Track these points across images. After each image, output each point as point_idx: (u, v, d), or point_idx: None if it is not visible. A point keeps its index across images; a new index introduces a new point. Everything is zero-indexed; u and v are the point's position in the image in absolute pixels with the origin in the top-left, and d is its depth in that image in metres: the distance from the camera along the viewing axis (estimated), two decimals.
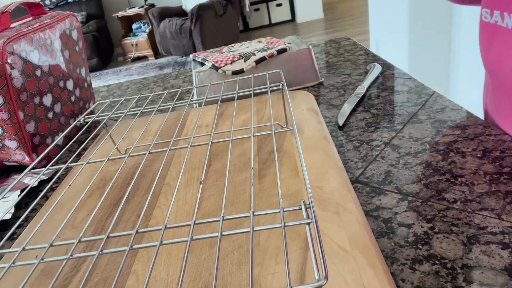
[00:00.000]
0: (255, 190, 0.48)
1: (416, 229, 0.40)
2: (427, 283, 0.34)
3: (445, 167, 0.49)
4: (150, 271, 0.28)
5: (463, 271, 0.35)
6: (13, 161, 0.68)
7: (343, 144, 0.58)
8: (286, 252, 0.28)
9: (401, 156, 0.53)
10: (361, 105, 0.69)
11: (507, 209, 0.40)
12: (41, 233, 0.47)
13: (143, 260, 0.40)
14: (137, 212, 0.48)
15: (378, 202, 0.45)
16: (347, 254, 0.36)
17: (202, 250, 0.40)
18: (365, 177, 0.50)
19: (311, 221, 0.29)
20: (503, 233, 0.38)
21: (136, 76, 4.30)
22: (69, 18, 0.82)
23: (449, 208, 0.42)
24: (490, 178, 0.45)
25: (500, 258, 0.35)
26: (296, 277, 0.35)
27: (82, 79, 0.85)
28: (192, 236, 0.31)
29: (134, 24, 5.28)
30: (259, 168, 0.52)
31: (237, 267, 0.37)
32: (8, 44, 0.63)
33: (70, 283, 0.39)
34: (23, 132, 0.66)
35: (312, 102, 0.69)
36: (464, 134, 0.54)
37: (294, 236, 0.39)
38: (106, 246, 0.42)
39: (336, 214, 0.41)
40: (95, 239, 0.34)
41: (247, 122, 0.66)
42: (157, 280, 0.38)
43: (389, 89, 0.73)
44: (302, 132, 0.59)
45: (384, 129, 0.60)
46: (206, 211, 0.46)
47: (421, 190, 0.45)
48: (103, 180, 0.57)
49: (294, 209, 0.31)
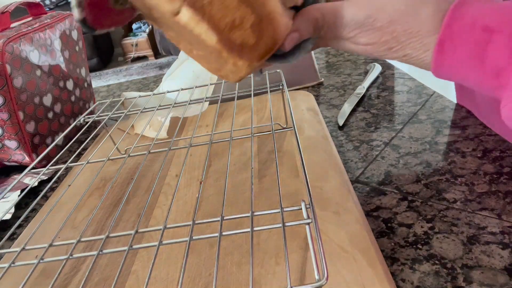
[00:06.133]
0: (255, 190, 0.48)
1: (416, 229, 0.40)
2: (427, 283, 0.34)
3: (445, 167, 0.49)
4: (150, 271, 0.28)
5: (463, 271, 0.35)
6: (13, 161, 0.68)
7: (343, 144, 0.58)
8: (286, 251, 0.28)
9: (401, 156, 0.53)
10: (361, 105, 0.69)
11: (507, 209, 0.40)
12: (41, 233, 0.47)
13: (143, 260, 0.40)
14: (137, 212, 0.48)
15: (378, 202, 0.45)
16: (347, 254, 0.36)
17: (202, 250, 0.40)
18: (365, 177, 0.50)
19: (311, 221, 0.29)
20: (503, 233, 0.38)
21: (136, 76, 4.30)
22: (69, 18, 0.82)
23: (449, 208, 0.42)
24: (490, 178, 0.45)
25: (500, 258, 0.35)
26: (296, 277, 0.35)
27: (82, 79, 0.85)
28: (192, 236, 0.31)
29: (134, 24, 5.27)
30: (259, 168, 0.52)
31: (237, 267, 0.37)
32: (8, 44, 0.63)
33: (70, 283, 0.39)
34: (23, 132, 0.66)
35: (312, 102, 0.69)
36: (464, 134, 0.54)
37: (294, 236, 0.39)
38: (106, 246, 0.42)
39: (336, 214, 0.41)
40: (95, 239, 0.34)
41: (247, 122, 0.66)
42: (157, 280, 0.38)
43: (389, 89, 0.73)
44: (302, 132, 0.59)
45: (384, 129, 0.60)
46: (206, 211, 0.46)
47: (421, 190, 0.45)
48: (103, 180, 0.57)
49: (294, 209, 0.31)
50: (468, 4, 0.28)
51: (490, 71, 0.27)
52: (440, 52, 0.28)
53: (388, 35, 0.30)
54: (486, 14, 0.27)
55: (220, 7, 0.26)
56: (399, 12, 0.30)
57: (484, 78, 0.27)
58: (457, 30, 0.27)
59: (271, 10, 0.28)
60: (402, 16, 0.29)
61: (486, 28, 0.26)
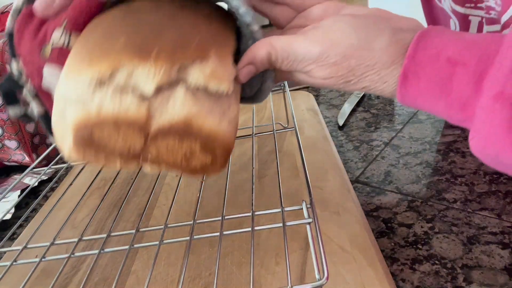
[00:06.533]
0: (255, 190, 0.48)
1: (416, 229, 0.40)
2: (427, 283, 0.34)
3: (445, 167, 0.49)
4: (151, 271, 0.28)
5: (463, 271, 0.35)
6: (13, 161, 0.68)
7: (343, 144, 0.58)
8: (286, 251, 0.28)
9: (401, 156, 0.53)
10: (361, 105, 0.69)
11: (507, 209, 0.40)
12: (41, 232, 0.47)
13: (143, 260, 0.40)
14: (138, 212, 0.48)
15: (378, 202, 0.45)
16: (347, 254, 0.36)
17: (202, 250, 0.40)
18: (365, 177, 0.50)
19: (312, 220, 0.29)
20: (503, 233, 0.38)
21: None
22: None
23: (449, 208, 0.42)
24: (490, 178, 0.45)
25: (500, 258, 0.35)
26: (296, 277, 0.35)
27: None
28: (193, 235, 0.31)
29: None
30: (259, 168, 0.52)
31: (237, 267, 0.37)
32: None
33: (70, 283, 0.39)
34: (23, 132, 0.66)
35: (312, 102, 0.69)
36: (464, 134, 0.54)
37: (294, 236, 0.39)
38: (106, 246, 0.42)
39: (336, 214, 0.41)
40: (96, 238, 0.34)
41: (248, 121, 0.66)
42: (157, 280, 0.38)
43: None
44: (302, 132, 0.59)
45: (384, 129, 0.60)
46: (206, 211, 0.46)
47: (421, 190, 0.46)
48: (103, 180, 0.57)
49: (295, 209, 0.31)
50: (431, 35, 0.27)
51: (456, 103, 0.26)
52: (404, 83, 0.28)
53: (344, 69, 0.29)
54: (449, 46, 0.26)
55: (168, 152, 0.29)
56: (352, 47, 0.29)
57: (451, 110, 0.27)
58: (421, 61, 0.27)
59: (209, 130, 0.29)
60: (356, 51, 0.29)
61: (449, 60, 0.26)
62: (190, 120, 0.28)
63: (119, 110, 0.27)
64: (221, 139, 0.30)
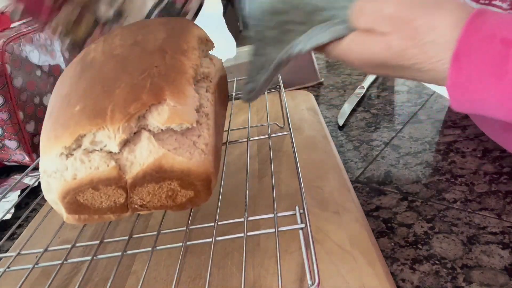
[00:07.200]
0: (255, 190, 0.48)
1: (416, 229, 0.40)
2: (427, 283, 0.34)
3: (445, 167, 0.49)
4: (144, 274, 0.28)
5: (463, 271, 0.35)
6: (13, 161, 0.68)
7: (343, 144, 0.58)
8: (278, 256, 0.28)
9: (401, 156, 0.53)
10: (361, 105, 0.69)
11: (507, 209, 0.40)
12: (41, 233, 0.47)
13: (143, 260, 0.40)
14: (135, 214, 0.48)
15: (378, 202, 0.45)
16: (347, 254, 0.36)
17: (202, 250, 0.40)
18: (365, 177, 0.50)
19: (304, 226, 0.29)
20: (503, 233, 0.38)
21: None
22: None
23: (449, 208, 0.42)
24: (490, 178, 0.45)
25: (500, 258, 0.35)
26: (296, 277, 0.35)
27: None
28: (186, 241, 0.31)
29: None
30: (259, 167, 0.52)
31: (237, 267, 0.37)
32: (8, 44, 0.63)
33: (70, 283, 0.39)
34: (23, 132, 0.66)
35: (312, 102, 0.69)
36: (464, 134, 0.54)
37: (294, 236, 0.39)
38: (105, 246, 0.42)
39: (336, 214, 0.41)
40: (90, 244, 0.35)
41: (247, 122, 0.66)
42: (157, 280, 0.38)
43: (389, 89, 0.73)
44: (302, 132, 0.59)
45: (384, 129, 0.60)
46: (205, 212, 0.46)
47: (421, 190, 0.45)
48: None
49: (287, 214, 0.31)
50: (485, 15, 0.27)
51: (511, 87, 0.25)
52: (456, 65, 0.27)
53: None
54: (503, 27, 0.26)
55: (151, 197, 0.31)
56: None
57: (505, 95, 0.26)
58: (475, 42, 0.26)
59: (181, 167, 0.29)
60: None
61: (504, 40, 0.25)
62: (159, 163, 0.29)
63: (91, 171, 0.29)
64: (196, 172, 0.30)
